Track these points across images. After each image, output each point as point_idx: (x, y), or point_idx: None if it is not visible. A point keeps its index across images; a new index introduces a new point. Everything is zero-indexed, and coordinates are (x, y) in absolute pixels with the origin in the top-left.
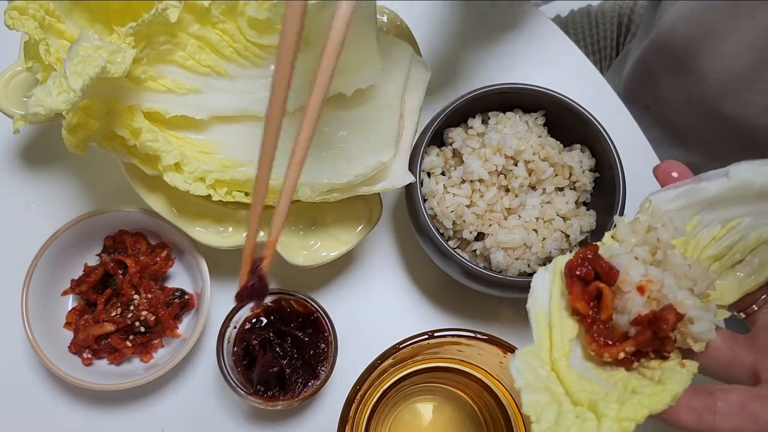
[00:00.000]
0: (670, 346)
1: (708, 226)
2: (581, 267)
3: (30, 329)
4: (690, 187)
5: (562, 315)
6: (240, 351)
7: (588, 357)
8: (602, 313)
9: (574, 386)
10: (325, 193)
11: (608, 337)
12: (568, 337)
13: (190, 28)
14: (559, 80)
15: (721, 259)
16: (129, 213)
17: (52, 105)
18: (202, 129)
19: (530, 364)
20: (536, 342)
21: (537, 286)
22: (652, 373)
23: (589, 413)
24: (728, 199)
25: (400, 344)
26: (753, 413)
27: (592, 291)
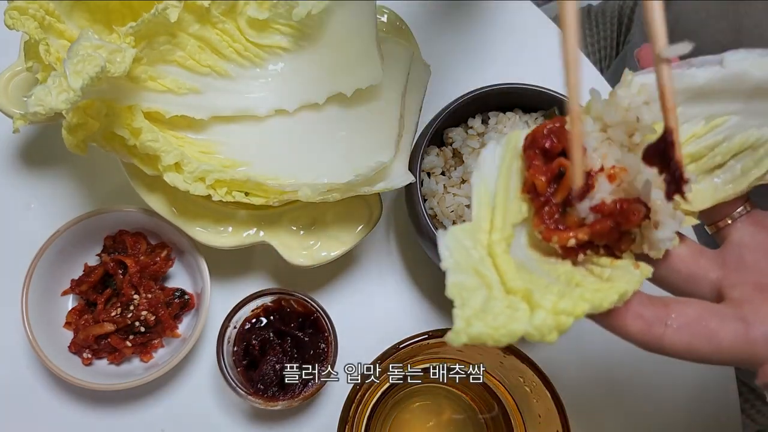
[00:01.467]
0: (626, 243)
1: (690, 121)
2: (548, 138)
3: (30, 329)
4: (675, 72)
5: (509, 197)
6: (240, 351)
7: (532, 244)
8: (558, 194)
9: (510, 274)
10: (325, 193)
11: (560, 221)
12: (511, 221)
13: (190, 28)
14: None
15: (699, 161)
16: (129, 213)
17: (52, 104)
18: (202, 129)
19: (462, 242)
20: (474, 221)
21: (485, 160)
22: (601, 270)
23: (522, 303)
24: (718, 92)
25: (399, 344)
26: (709, 330)
27: (555, 167)
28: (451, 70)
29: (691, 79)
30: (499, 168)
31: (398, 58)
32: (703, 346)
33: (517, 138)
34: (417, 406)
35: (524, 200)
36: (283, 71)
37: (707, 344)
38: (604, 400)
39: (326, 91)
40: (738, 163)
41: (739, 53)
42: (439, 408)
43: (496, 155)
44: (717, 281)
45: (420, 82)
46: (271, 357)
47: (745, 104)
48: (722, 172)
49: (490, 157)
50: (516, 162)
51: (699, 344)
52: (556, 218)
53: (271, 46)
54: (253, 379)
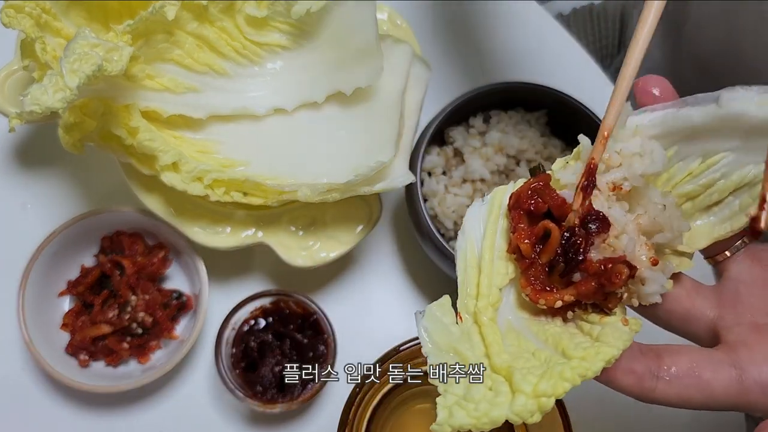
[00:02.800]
0: (613, 302)
1: (685, 159)
2: (531, 199)
3: (26, 331)
4: (671, 112)
5: (495, 257)
6: (238, 353)
7: (521, 304)
8: (543, 255)
9: (496, 345)
10: (325, 193)
11: (546, 282)
12: (498, 285)
13: (188, 26)
14: (562, 78)
15: (695, 199)
16: (126, 213)
17: (48, 103)
18: (200, 128)
19: (441, 320)
20: (461, 290)
21: (469, 221)
22: (591, 327)
23: (504, 385)
24: (714, 130)
25: (400, 347)
26: (702, 381)
27: (540, 230)
28: (452, 69)
29: (686, 120)
30: (484, 228)
31: (398, 57)
32: (696, 396)
33: (502, 196)
34: (417, 408)
35: (510, 260)
36: (281, 70)
37: (700, 394)
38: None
39: (325, 90)
40: (736, 200)
41: (736, 91)
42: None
43: (481, 214)
44: (713, 321)
45: (420, 80)
46: (270, 359)
47: (743, 141)
48: (719, 209)
49: (475, 217)
50: (501, 221)
51: (692, 395)
52: (542, 279)
53: (269, 44)
54: (251, 382)
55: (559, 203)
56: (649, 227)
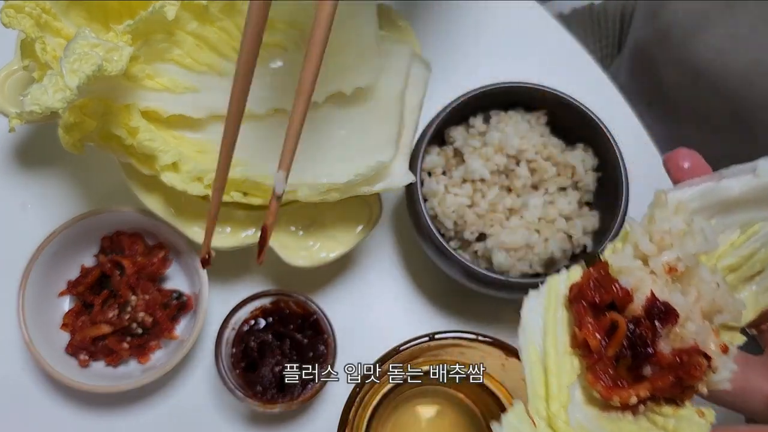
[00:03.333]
0: (689, 394)
1: (725, 231)
2: (595, 292)
3: (26, 331)
4: (709, 186)
5: (559, 352)
6: (238, 353)
7: (588, 400)
8: (610, 349)
9: None
10: (325, 192)
11: (615, 377)
12: (566, 383)
13: (188, 26)
14: (562, 78)
15: (738, 271)
16: (126, 213)
17: (48, 103)
18: (200, 128)
19: (520, 430)
20: (530, 393)
21: (528, 317)
22: (665, 421)
23: None
24: (752, 201)
25: (400, 346)
26: None
27: (606, 323)
28: (452, 69)
29: (726, 192)
30: (544, 323)
31: (398, 57)
32: None
33: (557, 286)
34: (417, 408)
35: (575, 354)
36: (281, 70)
37: None
38: None
39: (325, 90)
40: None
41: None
42: (440, 410)
43: (539, 307)
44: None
45: (420, 80)
46: (270, 359)
47: None
48: (761, 278)
49: (533, 311)
50: (559, 311)
51: None
52: (611, 373)
53: (270, 44)
54: (251, 382)
55: (623, 295)
56: (709, 309)
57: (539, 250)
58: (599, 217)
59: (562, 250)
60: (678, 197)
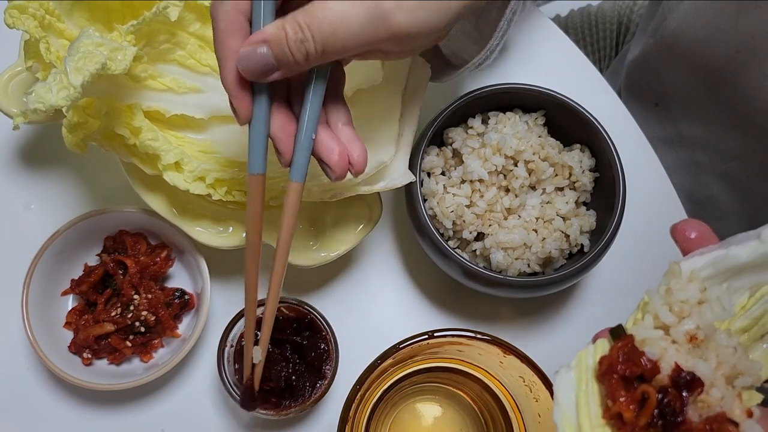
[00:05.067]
0: None
1: (734, 294)
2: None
3: (30, 329)
4: (719, 254)
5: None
6: (242, 368)
7: None
8: (641, 419)
9: None
10: (325, 192)
11: None
12: None
13: (191, 26)
14: (559, 80)
15: (750, 331)
16: (129, 213)
17: (52, 101)
18: (202, 129)
19: None
20: None
21: (561, 391)
22: None
23: None
24: (759, 265)
25: (400, 344)
26: None
27: (638, 395)
28: None
29: (734, 259)
30: (576, 397)
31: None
32: None
33: (585, 359)
34: (417, 405)
35: (608, 425)
36: None
37: None
38: None
39: None
40: None
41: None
42: (439, 408)
43: (571, 382)
44: None
45: (420, 82)
46: (274, 368)
47: None
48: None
49: (565, 385)
50: (590, 384)
51: None
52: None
53: None
54: (261, 393)
55: (650, 367)
56: (730, 374)
57: (537, 249)
58: (596, 216)
59: (559, 249)
60: (690, 266)
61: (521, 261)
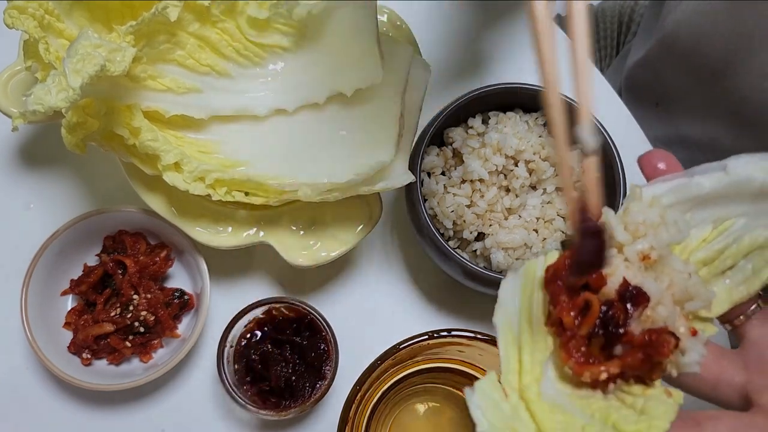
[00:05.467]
0: (658, 373)
1: (698, 226)
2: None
3: (29, 329)
4: (681, 182)
5: (534, 331)
6: (242, 369)
7: (561, 378)
8: (583, 328)
9: (547, 421)
10: (325, 192)
11: (587, 354)
12: (539, 359)
13: (190, 27)
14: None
15: (710, 265)
16: (128, 213)
17: (52, 103)
18: (202, 128)
19: (492, 397)
20: (503, 366)
21: (506, 295)
22: (634, 400)
23: None
24: (723, 197)
25: (400, 344)
26: None
27: (581, 302)
28: (451, 70)
29: (697, 188)
30: (520, 302)
31: (398, 58)
32: None
33: (534, 268)
34: (417, 406)
35: (549, 333)
36: (283, 71)
37: None
38: None
39: (326, 91)
40: (748, 263)
41: (741, 158)
42: (439, 408)
43: (516, 287)
44: (742, 385)
45: (420, 81)
46: (275, 368)
47: (752, 205)
48: (733, 273)
49: (509, 289)
50: (536, 293)
51: None
52: (584, 350)
53: (271, 45)
54: (261, 393)
55: (598, 278)
56: (680, 297)
57: (537, 249)
58: None
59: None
60: (652, 192)
61: (522, 261)
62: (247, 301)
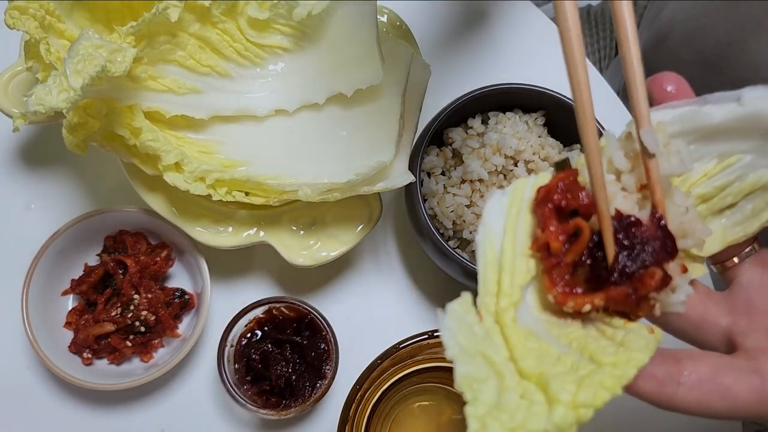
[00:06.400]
0: (645, 309)
1: (701, 159)
2: (562, 196)
3: (30, 329)
4: (690, 109)
5: (516, 254)
6: (242, 368)
7: (542, 306)
8: (569, 255)
9: (521, 347)
10: (326, 192)
11: (571, 284)
12: (519, 283)
13: (191, 27)
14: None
15: (709, 201)
16: (129, 213)
17: (53, 103)
18: (202, 129)
19: (464, 319)
20: (481, 289)
21: (491, 214)
22: (614, 332)
23: (538, 393)
24: (733, 130)
25: (399, 344)
26: (722, 386)
27: (571, 228)
28: (451, 70)
29: (706, 118)
30: (505, 222)
31: (398, 58)
32: (718, 403)
33: (523, 189)
34: (417, 406)
35: (532, 257)
36: (283, 71)
37: (722, 401)
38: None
39: (326, 91)
40: (749, 204)
41: (757, 90)
42: (438, 408)
43: (502, 206)
44: (727, 327)
45: (420, 82)
46: (275, 367)
47: (761, 142)
48: (732, 213)
49: (495, 209)
50: (522, 214)
51: (713, 402)
52: (567, 279)
53: (271, 46)
54: (261, 393)
55: (588, 203)
56: (675, 232)
57: None
58: None
59: None
60: (658, 117)
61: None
62: (247, 301)
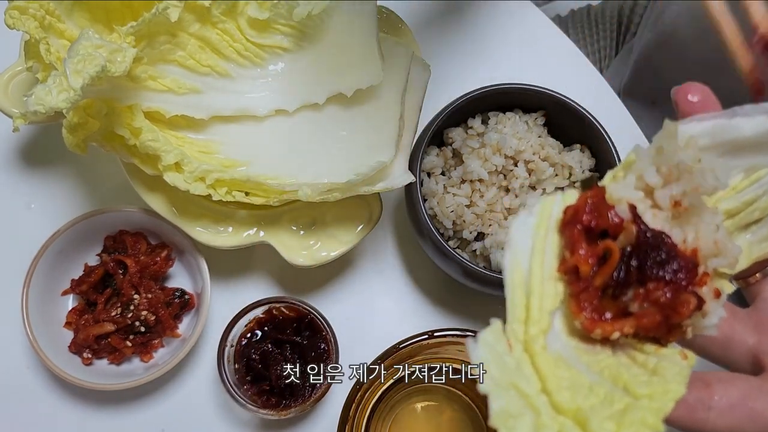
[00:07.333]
0: (676, 335)
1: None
2: (591, 216)
3: (30, 329)
4: (719, 123)
5: (545, 275)
6: (242, 368)
7: (569, 330)
8: (598, 278)
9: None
10: (326, 192)
11: (599, 309)
12: (548, 308)
13: (191, 27)
14: (559, 80)
15: (736, 216)
16: (129, 213)
17: (52, 103)
18: (202, 129)
19: (495, 349)
20: (510, 316)
21: (517, 236)
22: (645, 358)
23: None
24: (761, 144)
25: (399, 344)
26: (754, 412)
27: (600, 250)
28: (451, 70)
29: (736, 131)
30: (532, 244)
31: (398, 58)
32: (749, 428)
33: (550, 208)
34: (417, 406)
35: (560, 280)
36: (283, 71)
37: (752, 426)
38: None
39: (326, 91)
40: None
41: None
42: (439, 408)
43: (529, 227)
44: (753, 347)
45: (420, 82)
46: (275, 367)
47: None
48: (758, 228)
49: (522, 230)
50: (550, 235)
51: (745, 427)
52: (595, 304)
53: (271, 46)
54: (261, 393)
55: (618, 223)
56: (707, 251)
57: None
58: None
59: None
60: (687, 131)
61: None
62: (247, 301)
